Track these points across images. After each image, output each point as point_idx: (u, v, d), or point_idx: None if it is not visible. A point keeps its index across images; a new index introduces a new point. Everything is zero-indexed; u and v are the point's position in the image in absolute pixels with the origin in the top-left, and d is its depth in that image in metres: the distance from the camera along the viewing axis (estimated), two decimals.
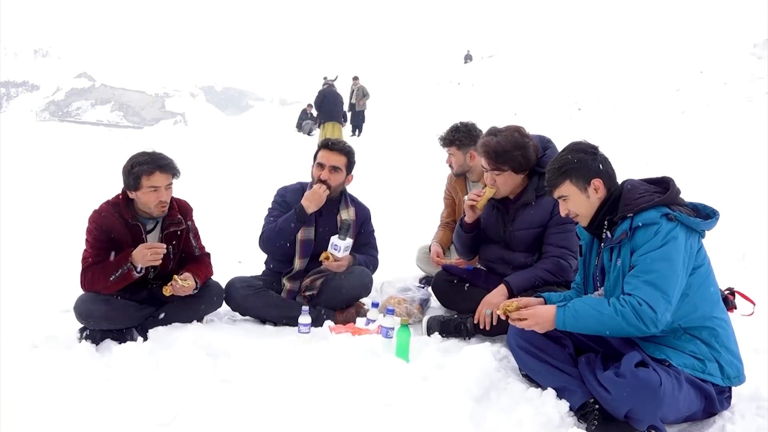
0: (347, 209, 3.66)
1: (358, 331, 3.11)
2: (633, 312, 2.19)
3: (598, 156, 2.46)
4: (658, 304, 2.19)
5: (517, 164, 3.14)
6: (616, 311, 2.22)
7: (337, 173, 3.57)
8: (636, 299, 2.21)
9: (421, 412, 2.30)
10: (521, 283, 3.11)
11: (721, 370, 2.27)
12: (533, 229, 3.19)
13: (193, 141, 16.12)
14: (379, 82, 32.75)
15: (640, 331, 2.22)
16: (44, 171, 10.62)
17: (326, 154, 3.58)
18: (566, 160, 2.47)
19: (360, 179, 4.27)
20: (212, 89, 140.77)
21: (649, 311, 2.18)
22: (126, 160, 3.15)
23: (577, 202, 2.47)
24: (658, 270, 2.22)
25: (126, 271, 3.05)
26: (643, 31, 18.50)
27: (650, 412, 2.11)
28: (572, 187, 2.46)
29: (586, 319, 2.26)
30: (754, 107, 10.37)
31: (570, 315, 2.31)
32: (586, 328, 2.31)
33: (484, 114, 13.95)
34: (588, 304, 2.32)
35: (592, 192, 2.44)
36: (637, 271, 2.27)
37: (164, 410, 2.38)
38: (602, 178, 2.44)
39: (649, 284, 2.21)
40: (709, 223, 2.34)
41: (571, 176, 2.45)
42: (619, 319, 2.21)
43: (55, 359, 2.80)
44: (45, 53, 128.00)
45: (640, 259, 2.27)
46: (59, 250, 5.02)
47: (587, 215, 2.49)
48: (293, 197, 3.65)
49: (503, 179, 3.19)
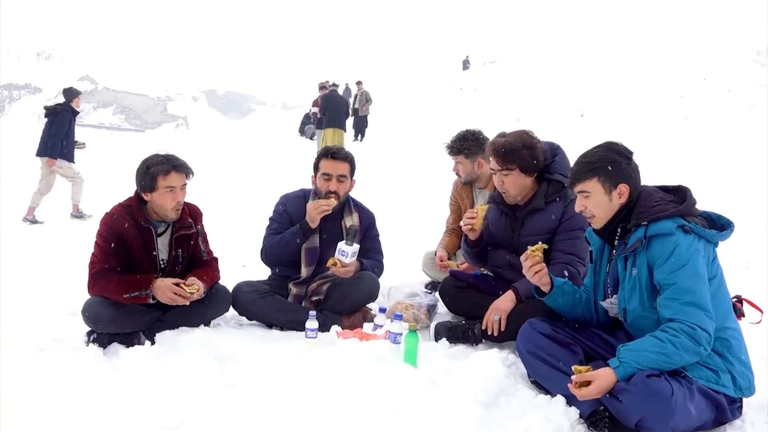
0: (351, 215, 3.66)
1: (365, 337, 3.10)
2: (690, 340, 2.14)
3: (632, 162, 2.43)
4: (706, 324, 2.17)
5: (525, 163, 3.14)
6: (675, 345, 2.14)
7: (344, 182, 3.59)
8: (687, 325, 2.16)
9: (428, 418, 2.29)
10: (529, 289, 3.10)
11: (734, 381, 2.26)
12: (542, 236, 3.18)
13: (195, 144, 16.16)
14: (382, 87, 32.81)
15: (700, 355, 2.17)
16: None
17: (331, 164, 3.56)
18: (600, 156, 2.43)
19: (364, 184, 4.27)
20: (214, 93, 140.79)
21: (704, 333, 2.15)
22: (140, 163, 3.16)
23: (599, 202, 2.44)
24: (694, 289, 2.19)
25: (142, 296, 3.05)
26: (646, 37, 18.50)
27: (661, 421, 2.09)
28: (598, 185, 2.42)
29: (650, 364, 2.16)
30: (757, 114, 10.36)
31: (632, 368, 2.17)
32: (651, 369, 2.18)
33: (486, 120, 13.97)
34: (643, 349, 2.20)
35: (616, 196, 2.42)
36: (672, 293, 2.22)
37: (172, 414, 2.37)
38: (630, 185, 2.41)
39: (691, 305, 2.18)
40: (723, 234, 2.33)
41: (601, 174, 2.41)
42: (682, 352, 2.14)
43: (62, 362, 2.81)
44: (48, 56, 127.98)
45: (669, 277, 2.23)
46: (65, 252, 5.03)
47: (604, 218, 2.46)
48: (294, 205, 3.66)
49: (511, 180, 3.19)
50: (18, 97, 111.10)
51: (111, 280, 3.04)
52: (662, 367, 2.16)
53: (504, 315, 3.09)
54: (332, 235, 3.61)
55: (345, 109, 13.58)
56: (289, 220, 3.63)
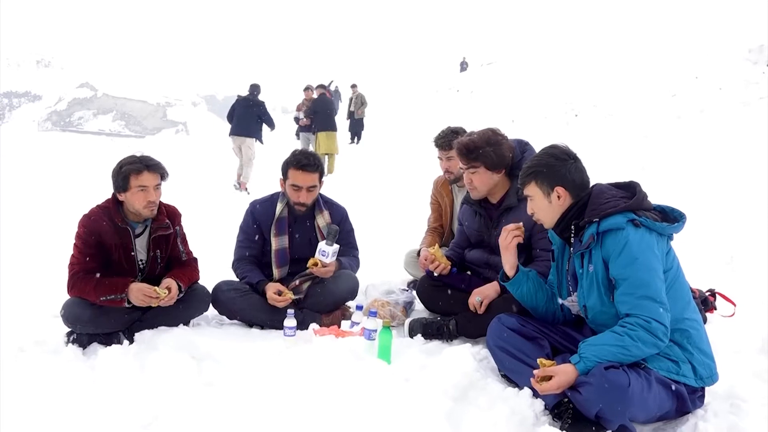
0: (322, 213, 3.70)
1: (341, 334, 3.14)
2: (647, 332, 2.18)
3: (569, 164, 2.48)
4: (662, 317, 2.20)
5: (490, 160, 3.19)
6: (633, 338, 2.18)
7: (314, 191, 3.62)
8: (642, 318, 2.20)
9: (399, 413, 2.32)
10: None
11: (694, 371, 2.28)
12: None
13: (194, 150, 16.19)
14: (378, 90, 32.87)
15: (658, 347, 2.21)
16: (45, 180, 10.70)
17: (302, 176, 3.55)
18: (536, 162, 2.52)
19: (356, 185, 4.31)
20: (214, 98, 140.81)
21: (659, 326, 2.19)
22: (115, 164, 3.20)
23: (540, 205, 2.54)
24: (648, 282, 2.22)
25: (118, 300, 3.08)
26: (638, 37, 18.56)
27: (619, 412, 2.11)
28: (536, 189, 2.51)
29: (609, 357, 2.20)
30: (749, 112, 10.40)
31: (592, 363, 2.22)
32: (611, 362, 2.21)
33: (482, 121, 13.97)
34: (601, 343, 2.23)
35: (555, 198, 2.49)
36: (627, 288, 2.26)
37: (145, 412, 2.41)
38: (566, 187, 2.47)
39: (646, 298, 2.22)
40: (675, 227, 2.36)
41: (537, 179, 2.50)
42: (640, 344, 2.18)
43: (42, 363, 2.85)
44: (47, 63, 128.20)
45: (623, 272, 2.27)
46: (53, 256, 5.06)
47: (548, 220, 2.55)
48: (261, 210, 3.69)
49: (479, 177, 3.24)
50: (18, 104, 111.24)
51: (88, 282, 3.08)
52: (622, 360, 2.19)
53: (487, 300, 3.13)
54: (304, 235, 3.66)
55: (333, 110, 13.55)
56: (257, 229, 3.68)
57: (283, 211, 3.65)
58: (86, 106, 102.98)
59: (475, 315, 3.17)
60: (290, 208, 3.66)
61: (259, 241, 3.68)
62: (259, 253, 3.69)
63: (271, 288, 3.47)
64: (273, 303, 3.44)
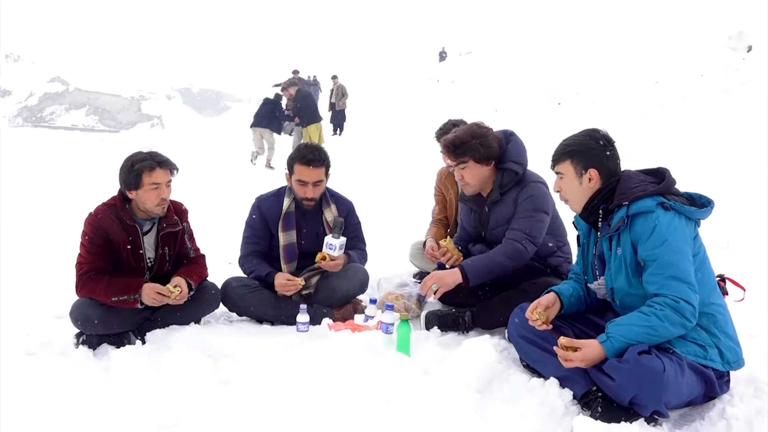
0: (329, 207, 3.66)
1: (357, 328, 3.11)
2: (675, 312, 2.18)
3: (607, 149, 2.49)
4: (690, 296, 2.21)
5: (478, 153, 3.18)
6: (660, 318, 2.18)
7: (320, 186, 3.57)
8: (670, 298, 2.20)
9: (425, 406, 2.31)
10: (477, 268, 3.12)
11: (721, 355, 2.30)
12: (505, 226, 3.23)
13: (171, 144, 15.97)
14: (359, 81, 32.72)
15: (685, 327, 2.21)
16: (23, 177, 10.46)
17: (307, 171, 3.50)
18: (576, 141, 2.52)
19: (346, 178, 4.27)
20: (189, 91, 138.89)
21: (687, 306, 2.19)
22: (123, 161, 3.13)
23: (570, 185, 2.53)
24: (676, 263, 2.23)
25: (130, 300, 3.02)
26: (619, 24, 18.67)
27: (654, 397, 2.13)
28: (570, 168, 2.51)
29: (637, 338, 2.20)
30: (731, 98, 10.51)
31: (619, 343, 2.23)
32: (640, 344, 2.22)
33: (464, 111, 13.99)
34: (629, 323, 2.25)
35: (586, 180, 2.49)
36: (656, 269, 2.26)
37: (167, 413, 2.36)
38: (600, 171, 2.47)
39: (674, 279, 2.22)
40: (704, 212, 2.38)
41: (573, 158, 2.50)
42: (667, 324, 2.18)
43: (53, 366, 2.77)
44: (17, 58, 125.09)
45: (652, 254, 2.27)
46: (49, 256, 4.96)
47: (576, 201, 2.55)
48: (268, 206, 3.64)
49: (469, 172, 3.24)
50: None
51: (99, 282, 3.01)
52: (649, 341, 2.21)
53: (443, 289, 3.11)
54: (312, 229, 3.62)
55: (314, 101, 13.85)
56: (264, 224, 3.62)
57: (291, 206, 3.60)
58: (58, 100, 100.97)
59: (491, 306, 3.17)
60: (297, 203, 3.60)
61: (266, 236, 3.63)
62: (266, 248, 3.64)
63: (280, 277, 3.43)
64: (282, 291, 3.41)
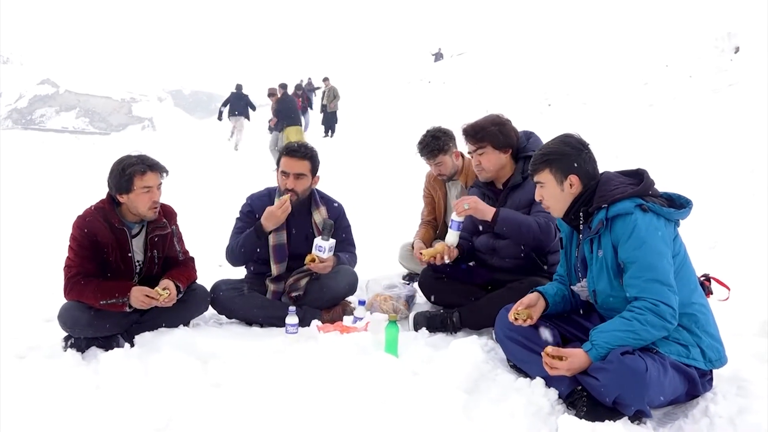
0: (318, 209, 3.66)
1: (346, 329, 3.13)
2: (655, 315, 2.21)
3: (583, 154, 2.51)
4: (669, 299, 2.24)
5: (496, 139, 3.24)
6: (641, 322, 2.21)
7: (302, 179, 3.55)
8: (650, 302, 2.23)
9: (414, 407, 2.32)
10: (509, 215, 3.16)
11: (703, 354, 2.33)
12: (522, 209, 3.24)
13: (162, 146, 15.96)
14: (350, 82, 32.73)
15: (667, 329, 2.24)
16: (12, 179, 10.42)
17: (289, 162, 3.53)
18: (552, 149, 2.55)
19: (337, 179, 4.28)
20: (180, 93, 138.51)
21: (667, 308, 2.22)
22: (113, 165, 3.13)
23: (551, 192, 2.55)
24: (655, 265, 2.26)
25: (119, 303, 3.03)
26: (609, 26, 18.79)
27: (638, 397, 2.15)
28: (550, 176, 2.53)
29: (620, 343, 2.23)
30: (719, 99, 10.57)
31: (603, 349, 2.24)
32: (624, 348, 2.24)
33: (456, 112, 14.04)
34: (611, 329, 2.27)
35: (567, 186, 2.52)
36: (635, 271, 2.29)
37: (157, 416, 2.37)
38: (579, 176, 2.50)
39: (654, 281, 2.25)
40: (682, 213, 2.41)
41: (552, 165, 2.52)
42: (649, 328, 2.21)
43: (42, 369, 2.77)
44: (6, 60, 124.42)
45: (631, 256, 2.30)
46: (38, 258, 4.95)
47: (558, 208, 2.58)
48: (259, 204, 3.65)
49: (486, 158, 3.29)
50: None
51: (88, 285, 3.01)
52: (633, 345, 2.23)
53: (471, 212, 3.16)
54: (301, 231, 3.61)
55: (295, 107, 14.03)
56: (255, 219, 3.61)
57: None
58: (48, 103, 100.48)
59: (478, 307, 3.19)
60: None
61: None
62: None
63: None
64: (274, 212, 3.40)
